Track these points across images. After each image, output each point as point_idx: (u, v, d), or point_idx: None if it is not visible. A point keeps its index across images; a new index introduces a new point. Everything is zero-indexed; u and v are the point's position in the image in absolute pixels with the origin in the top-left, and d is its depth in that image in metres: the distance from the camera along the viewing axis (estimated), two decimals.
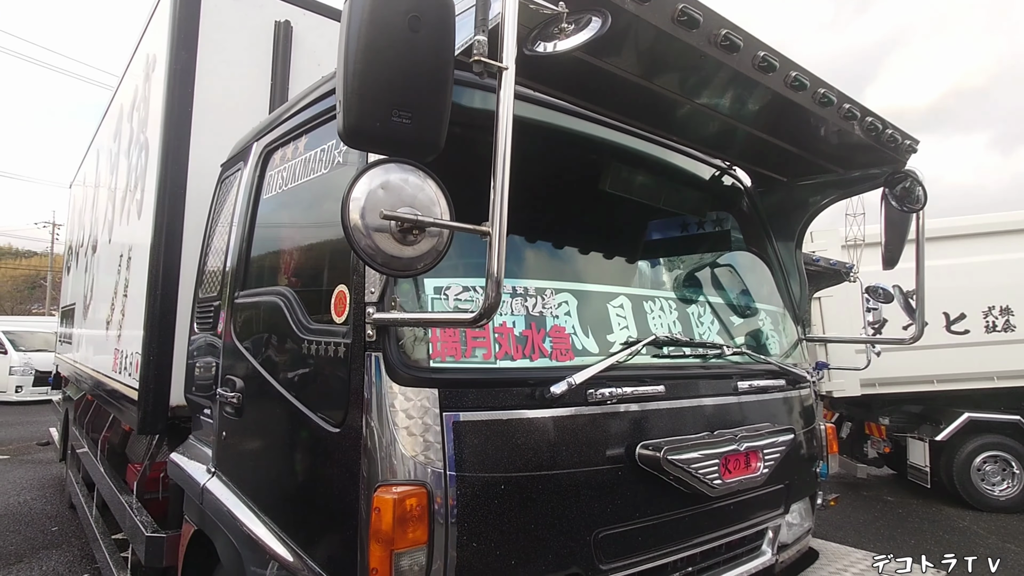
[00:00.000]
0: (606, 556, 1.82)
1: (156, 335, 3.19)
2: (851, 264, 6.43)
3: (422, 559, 1.50)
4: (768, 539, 2.46)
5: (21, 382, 16.15)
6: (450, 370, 1.66)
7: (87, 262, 6.19)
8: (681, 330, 2.24)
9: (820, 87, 2.11)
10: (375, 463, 1.57)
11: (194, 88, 3.34)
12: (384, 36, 1.21)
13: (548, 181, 2.23)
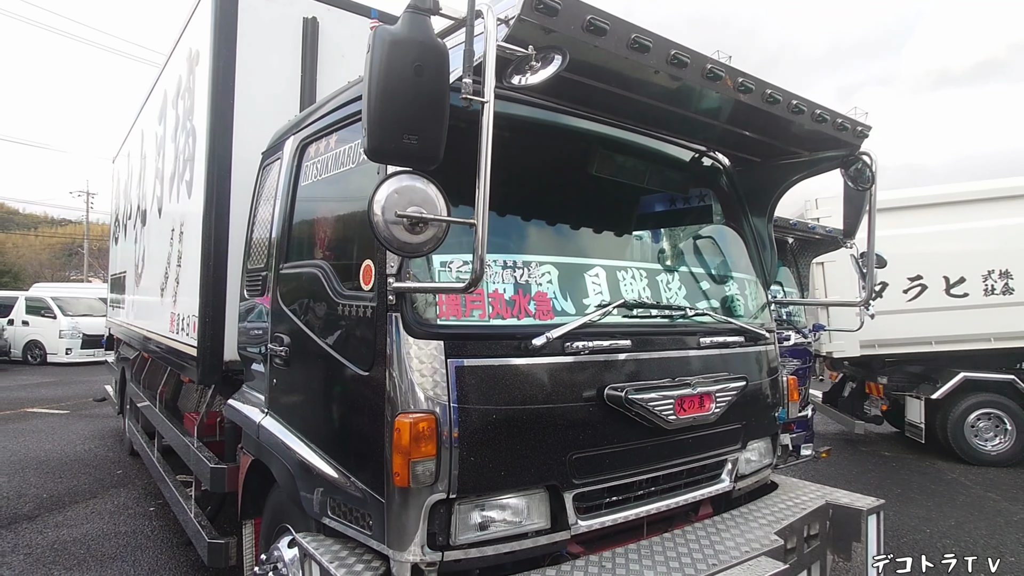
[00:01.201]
0: (579, 474, 2.30)
1: (210, 300, 3.72)
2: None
3: (432, 467, 2.00)
4: (727, 470, 2.93)
5: (70, 345, 17.21)
6: (453, 327, 2.13)
7: (136, 234, 6.78)
8: (650, 295, 2.68)
9: (767, 89, 2.48)
10: (396, 397, 2.06)
11: (235, 83, 3.80)
12: (396, 80, 1.64)
13: (538, 171, 2.66)
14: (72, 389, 12.51)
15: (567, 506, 2.29)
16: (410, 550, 2.06)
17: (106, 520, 4.98)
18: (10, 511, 5.13)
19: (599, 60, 2.06)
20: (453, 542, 2.08)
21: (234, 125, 3.81)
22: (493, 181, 1.78)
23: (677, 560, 2.33)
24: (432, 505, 2.04)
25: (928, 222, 7.74)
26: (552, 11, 1.79)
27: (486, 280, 2.20)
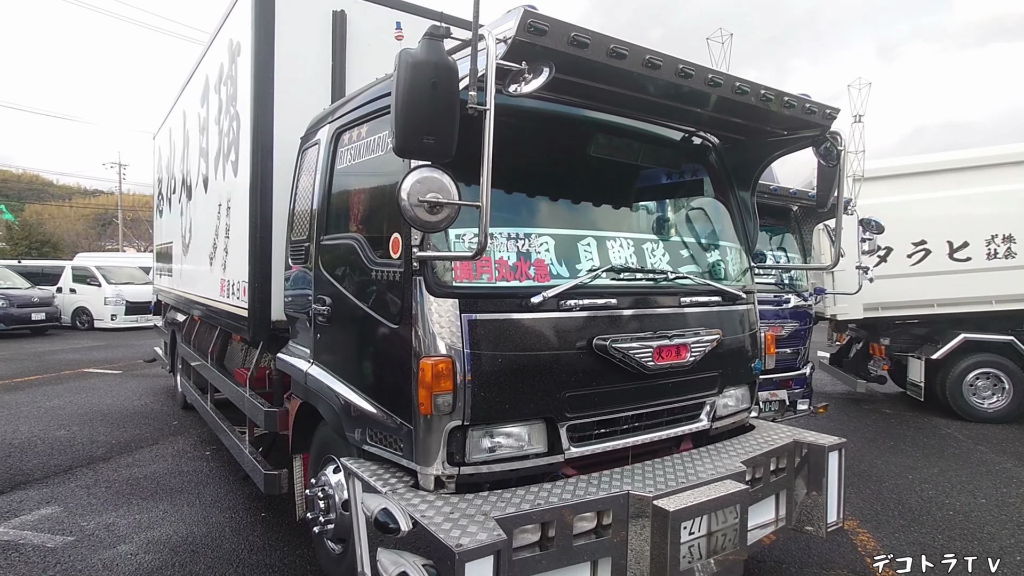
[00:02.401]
0: (571, 409, 2.79)
1: (258, 268, 4.25)
2: (848, 198, 6.98)
3: (449, 399, 2.51)
4: (705, 411, 3.39)
5: (115, 311, 18.20)
6: (466, 287, 2.61)
7: (182, 207, 7.36)
8: (636, 261, 3.12)
9: (735, 82, 2.86)
10: (420, 345, 2.56)
11: (274, 74, 4.26)
12: (416, 94, 2.09)
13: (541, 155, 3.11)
14: (120, 352, 13.40)
15: (561, 435, 2.79)
16: (434, 466, 2.59)
17: (169, 461, 5.67)
18: (87, 454, 5.85)
19: (586, 66, 2.48)
20: (467, 460, 2.60)
21: (274, 111, 4.28)
22: (502, 165, 2.24)
23: (652, 479, 2.82)
24: (450, 430, 2.56)
25: (932, 188, 7.95)
26: (541, 32, 2.22)
27: (493, 249, 2.68)
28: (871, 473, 5.77)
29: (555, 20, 2.26)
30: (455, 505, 2.46)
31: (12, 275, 18.24)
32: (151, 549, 3.88)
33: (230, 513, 4.49)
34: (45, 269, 20.97)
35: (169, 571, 3.61)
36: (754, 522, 3.27)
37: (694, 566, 2.69)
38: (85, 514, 4.43)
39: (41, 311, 16.89)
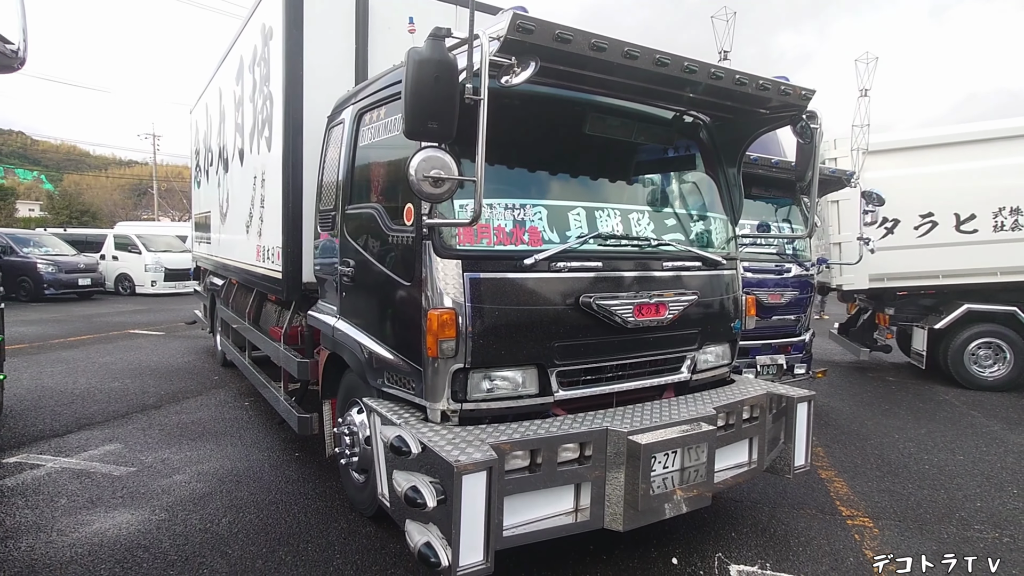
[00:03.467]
0: (559, 357, 3.22)
1: (291, 234, 4.73)
2: (852, 171, 7.19)
3: (453, 345, 2.95)
4: (686, 365, 3.79)
5: (154, 277, 19.11)
6: (468, 250, 3.03)
7: (219, 179, 7.89)
8: (622, 229, 3.50)
9: (711, 69, 3.19)
10: (428, 299, 3.01)
11: (303, 58, 4.67)
12: (422, 86, 2.49)
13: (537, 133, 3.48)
14: (161, 316, 14.22)
15: (551, 380, 3.23)
16: (440, 402, 3.05)
17: (213, 410, 6.29)
18: (140, 402, 6.50)
19: (573, 58, 2.84)
20: (469, 398, 3.06)
21: (304, 92, 4.70)
22: (503, 143, 2.70)
23: (631, 419, 3.25)
24: (454, 372, 3.01)
25: (940, 161, 8.08)
26: (529, 31, 2.59)
27: (492, 217, 3.10)
28: (860, 432, 6.12)
29: (541, 20, 2.62)
30: (457, 433, 2.92)
31: (60, 242, 19.24)
32: (201, 479, 4.47)
33: (268, 452, 5.07)
34: (88, 237, 21.99)
35: (218, 497, 4.18)
36: (729, 463, 3.70)
37: (664, 494, 3.12)
38: (143, 450, 5.04)
39: (87, 276, 17.85)
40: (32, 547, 3.44)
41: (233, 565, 3.30)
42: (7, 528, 3.65)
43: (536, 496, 2.96)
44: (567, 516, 3.07)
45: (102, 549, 3.43)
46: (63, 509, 3.93)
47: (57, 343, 10.19)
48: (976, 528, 3.97)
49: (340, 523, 3.81)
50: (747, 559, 3.50)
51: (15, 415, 5.91)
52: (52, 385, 7.18)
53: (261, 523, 3.80)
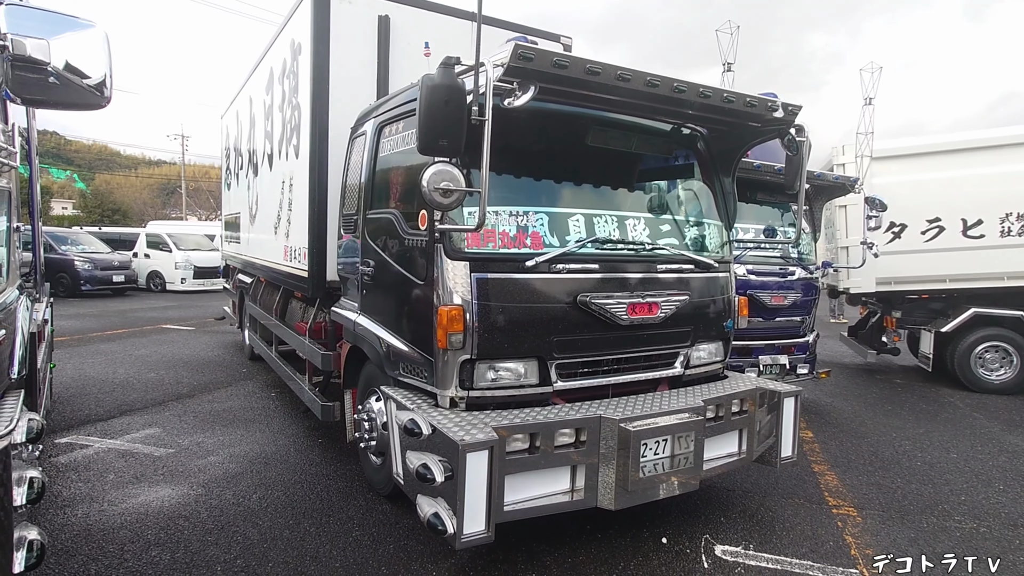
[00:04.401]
0: (558, 351, 3.54)
1: (316, 236, 5.11)
2: (856, 177, 7.38)
3: (460, 338, 3.28)
4: (679, 360, 4.07)
5: (184, 275, 19.78)
6: (475, 253, 3.36)
7: (248, 182, 8.33)
8: (619, 236, 3.80)
9: (700, 88, 3.48)
10: (439, 296, 3.34)
11: (330, 72, 5.04)
12: (434, 108, 2.82)
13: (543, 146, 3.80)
14: (191, 311, 14.79)
15: (551, 372, 3.54)
16: (449, 389, 3.38)
17: (242, 399, 6.71)
18: (175, 391, 6.96)
19: (572, 81, 3.16)
20: (475, 386, 3.39)
21: (329, 104, 5.07)
22: (510, 155, 3.03)
23: (623, 408, 3.55)
24: (461, 363, 3.34)
25: (948, 167, 8.21)
26: (529, 59, 2.91)
27: (497, 223, 3.43)
28: (858, 430, 6.33)
29: (540, 49, 2.94)
30: (464, 417, 3.25)
31: (95, 240, 20.02)
32: (234, 460, 4.87)
33: (293, 438, 5.46)
34: (122, 236, 22.82)
35: (248, 476, 4.56)
36: (719, 452, 3.98)
37: (653, 477, 3.42)
38: (180, 434, 5.47)
39: (120, 273, 18.57)
40: (87, 515, 3.85)
41: (264, 534, 3.67)
42: (64, 498, 4.08)
43: (535, 476, 3.27)
44: (564, 495, 3.38)
45: (148, 518, 3.83)
46: (112, 483, 4.35)
47: (96, 336, 10.76)
48: (956, 519, 4.19)
49: (359, 501, 4.17)
50: (732, 540, 3.78)
51: (63, 401, 6.39)
52: (94, 375, 7.68)
53: (288, 499, 4.17)
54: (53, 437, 5.27)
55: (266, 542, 3.58)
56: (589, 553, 3.57)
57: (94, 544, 3.49)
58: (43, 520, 3.70)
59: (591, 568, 3.41)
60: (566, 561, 3.47)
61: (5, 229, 2.87)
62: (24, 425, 2.39)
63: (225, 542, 3.56)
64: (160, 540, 3.56)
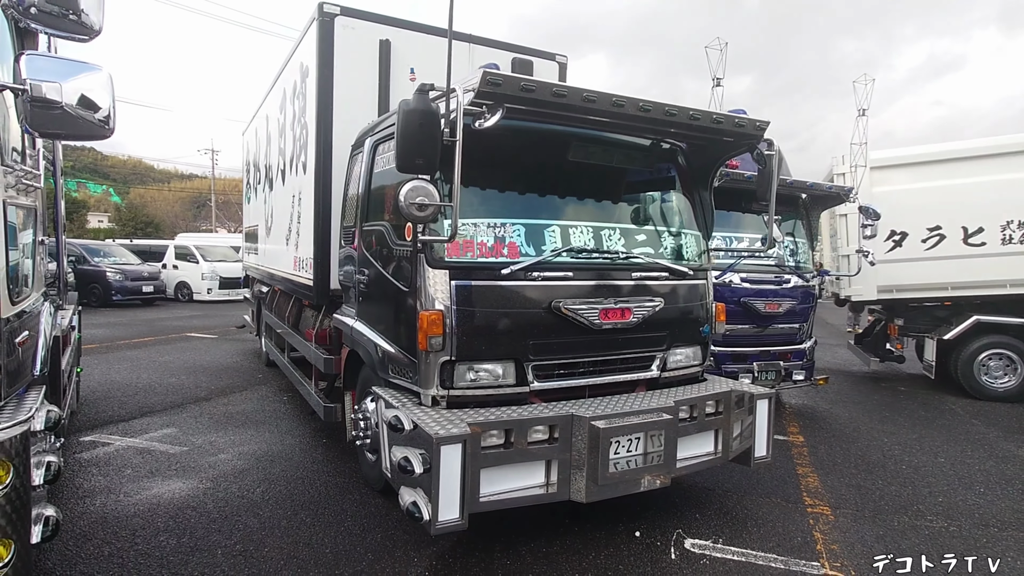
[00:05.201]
0: (534, 353, 3.78)
1: (320, 247, 5.44)
2: (850, 187, 7.50)
3: (440, 341, 3.55)
4: (656, 363, 4.28)
5: (210, 285, 20.42)
6: (455, 262, 3.63)
7: (265, 196, 8.75)
8: (595, 245, 4.04)
9: (665, 107, 3.72)
10: (421, 302, 3.61)
11: (333, 94, 5.39)
12: (410, 130, 3.11)
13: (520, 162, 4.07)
14: (215, 320, 15.32)
15: (527, 373, 3.79)
16: (431, 388, 3.65)
17: (255, 403, 7.06)
18: (193, 395, 7.34)
19: (540, 103, 3.42)
20: (455, 385, 3.65)
21: (333, 123, 5.42)
22: (488, 169, 3.37)
23: (596, 407, 3.77)
24: (442, 363, 3.61)
25: (948, 176, 8.27)
26: (497, 84, 3.19)
27: (476, 233, 3.69)
28: (850, 435, 6.43)
29: (507, 75, 3.22)
30: (443, 414, 3.51)
31: (126, 252, 20.80)
32: (242, 457, 5.19)
33: (299, 438, 5.77)
34: (152, 247, 23.64)
35: (254, 472, 4.87)
36: (694, 452, 4.17)
37: (622, 473, 3.63)
38: (194, 434, 5.82)
39: (150, 284, 19.27)
40: (104, 504, 4.19)
41: (263, 523, 3.97)
42: (85, 490, 4.43)
43: (511, 469, 3.51)
44: (539, 488, 3.61)
45: (159, 508, 4.16)
46: (128, 477, 4.70)
47: (123, 344, 11.28)
48: (928, 519, 4.31)
49: (354, 495, 4.45)
50: (703, 535, 3.96)
51: (89, 403, 6.80)
52: (119, 380, 8.12)
53: (288, 493, 4.47)
54: (78, 435, 5.66)
55: (264, 530, 3.87)
56: (564, 544, 3.78)
57: (109, 530, 3.82)
58: (65, 508, 4.04)
59: (563, 557, 3.63)
60: (541, 551, 3.69)
61: (31, 242, 3.23)
62: (43, 415, 2.72)
63: (227, 530, 3.86)
64: (168, 527, 3.88)
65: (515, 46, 6.25)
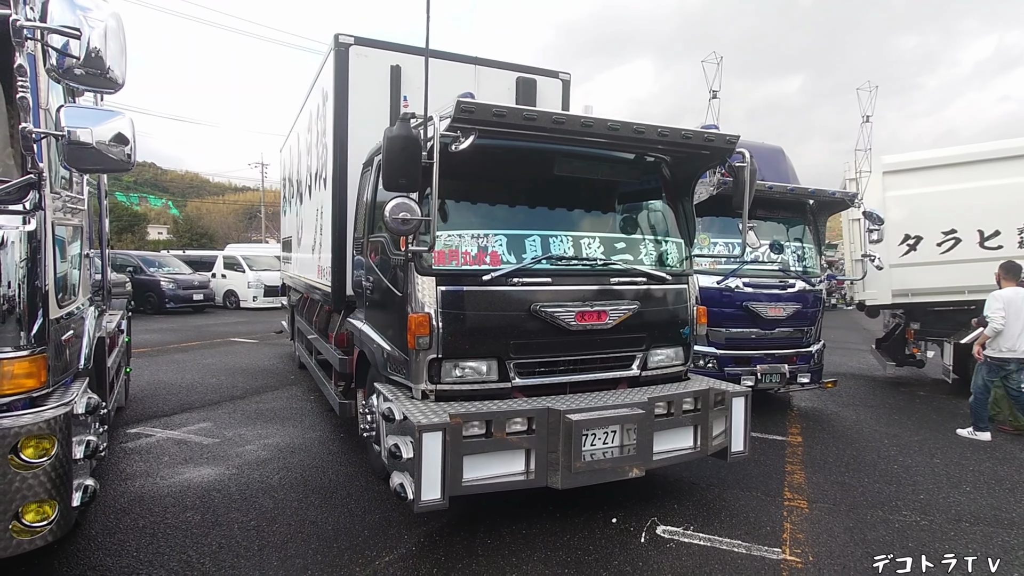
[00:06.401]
0: (515, 352, 4.14)
1: (337, 256, 5.94)
2: (854, 192, 7.59)
3: (428, 340, 3.94)
4: (636, 363, 4.57)
5: (255, 293, 21.44)
6: (441, 270, 4.03)
7: (297, 209, 9.37)
8: (573, 252, 4.37)
9: (633, 125, 4.04)
10: (411, 305, 4.03)
11: (348, 115, 5.89)
12: (393, 154, 3.53)
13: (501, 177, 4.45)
14: (258, 327, 16.17)
15: (509, 370, 4.15)
16: (421, 383, 4.04)
17: (284, 402, 7.63)
18: (230, 394, 7.97)
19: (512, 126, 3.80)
20: (442, 381, 4.04)
21: (348, 143, 5.91)
22: (471, 185, 3.81)
23: (572, 402, 4.10)
24: (430, 361, 4.01)
25: (962, 179, 8.25)
26: (470, 111, 3.58)
27: (461, 243, 4.09)
28: (852, 436, 6.54)
29: (480, 104, 3.61)
30: (430, 406, 3.90)
31: (179, 262, 22.08)
32: (266, 448, 5.71)
33: (320, 433, 6.27)
34: (203, 258, 24.94)
35: (275, 461, 5.38)
36: (673, 446, 4.45)
37: (595, 462, 3.95)
38: (226, 428, 6.38)
39: (200, 292, 20.42)
40: (142, 486, 4.75)
41: (277, 504, 4.44)
42: (127, 473, 5.00)
43: (493, 457, 3.87)
44: (520, 475, 3.95)
45: (189, 490, 4.68)
46: (165, 464, 5.26)
47: (172, 348, 12.12)
48: (903, 514, 4.46)
49: (361, 482, 4.89)
50: (676, 523, 4.24)
51: (137, 400, 7.48)
52: (165, 379, 8.83)
53: (303, 479, 4.94)
54: (125, 428, 6.29)
55: (277, 510, 4.34)
56: (543, 527, 4.12)
57: (144, 506, 4.35)
58: (108, 488, 4.61)
59: (540, 539, 3.97)
60: (521, 532, 4.04)
61: (77, 255, 3.79)
62: (84, 401, 3.23)
63: (245, 509, 4.35)
64: (195, 505, 4.39)
65: (519, 66, 6.65)
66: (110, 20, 2.54)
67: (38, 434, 2.82)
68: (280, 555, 3.69)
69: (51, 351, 3.05)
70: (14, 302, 2.83)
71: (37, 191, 2.76)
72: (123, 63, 2.60)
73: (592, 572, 3.57)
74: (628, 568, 3.62)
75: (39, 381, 2.93)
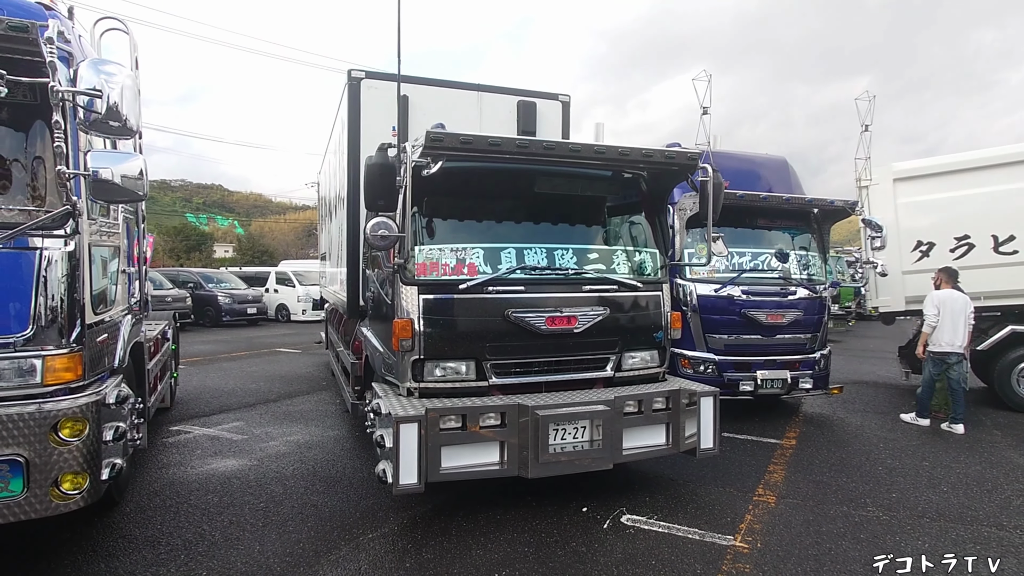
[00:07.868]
0: (491, 354, 4.57)
1: (352, 269, 6.53)
2: (855, 201, 7.69)
3: (410, 343, 4.43)
4: (610, 364, 4.93)
5: (304, 307, 22.55)
6: (423, 280, 4.51)
7: (328, 227, 10.12)
8: (546, 263, 4.79)
9: (594, 147, 4.44)
10: (396, 311, 4.53)
11: (360, 142, 6.50)
12: (372, 179, 4.07)
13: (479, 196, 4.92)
14: (304, 338, 17.12)
15: (487, 370, 4.59)
16: (406, 382, 4.53)
17: (312, 404, 8.28)
18: (265, 398, 8.69)
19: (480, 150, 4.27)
20: (424, 379, 4.51)
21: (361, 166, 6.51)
22: (448, 202, 4.32)
23: (542, 399, 4.49)
24: (413, 361, 4.49)
25: (975, 184, 8.20)
26: (440, 140, 4.07)
27: (441, 256, 4.57)
28: (846, 440, 6.64)
29: (449, 133, 4.09)
30: (412, 402, 4.38)
31: (234, 278, 23.49)
32: (287, 444, 6.32)
33: (338, 431, 6.85)
34: (258, 274, 26.39)
35: (293, 455, 5.97)
36: (645, 442, 4.77)
37: (561, 454, 4.33)
38: (256, 427, 7.05)
39: (254, 306, 21.68)
40: (175, 473, 5.41)
41: (286, 490, 5.00)
42: (163, 463, 5.68)
43: (469, 448, 4.30)
44: (495, 465, 4.37)
45: (213, 477, 5.31)
46: (197, 456, 5.93)
47: (222, 357, 13.08)
48: (868, 510, 4.64)
49: (363, 474, 5.40)
50: (642, 513, 4.55)
51: (183, 403, 8.28)
52: (211, 385, 9.66)
53: (314, 470, 5.50)
54: (168, 426, 7.03)
55: (286, 495, 4.90)
56: (517, 514, 4.52)
57: (173, 490, 4.99)
58: (144, 475, 5.28)
59: (512, 524, 4.37)
60: (495, 518, 4.46)
61: (115, 271, 4.47)
62: (114, 393, 3.86)
63: (258, 493, 4.93)
64: (215, 489, 5.00)
65: (519, 90, 7.13)
66: (127, 80, 3.16)
67: (73, 417, 3.43)
68: (279, 531, 4.23)
69: (87, 351, 3.69)
70: (57, 310, 3.47)
71: (74, 219, 3.41)
72: (137, 113, 3.21)
73: (549, 551, 3.95)
74: (583, 549, 3.98)
75: (76, 375, 3.56)
